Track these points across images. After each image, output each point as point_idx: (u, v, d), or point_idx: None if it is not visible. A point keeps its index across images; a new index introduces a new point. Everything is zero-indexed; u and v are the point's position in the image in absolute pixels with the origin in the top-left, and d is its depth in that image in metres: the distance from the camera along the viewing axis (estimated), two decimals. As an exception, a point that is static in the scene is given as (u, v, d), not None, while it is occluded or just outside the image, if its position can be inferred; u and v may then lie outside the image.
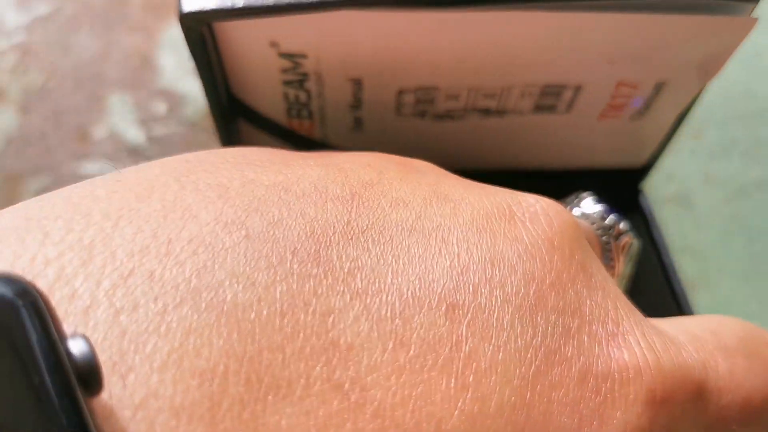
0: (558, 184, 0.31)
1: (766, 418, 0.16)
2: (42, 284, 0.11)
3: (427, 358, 0.12)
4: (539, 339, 0.13)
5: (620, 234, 0.21)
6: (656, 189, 0.37)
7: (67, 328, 0.11)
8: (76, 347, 0.09)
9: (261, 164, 0.16)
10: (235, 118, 0.26)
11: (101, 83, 0.41)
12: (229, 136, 0.25)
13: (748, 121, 0.39)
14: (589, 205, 0.22)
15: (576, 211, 0.22)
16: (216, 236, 0.13)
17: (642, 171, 0.31)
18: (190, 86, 0.39)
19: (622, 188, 0.32)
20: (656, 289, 0.30)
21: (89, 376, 0.09)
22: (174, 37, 0.41)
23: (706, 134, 0.39)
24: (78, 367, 0.09)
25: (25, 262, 0.12)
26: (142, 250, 0.12)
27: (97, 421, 0.09)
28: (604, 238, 0.21)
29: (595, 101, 0.25)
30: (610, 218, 0.21)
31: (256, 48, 0.22)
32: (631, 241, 0.21)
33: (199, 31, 0.20)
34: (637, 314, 0.17)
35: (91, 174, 0.39)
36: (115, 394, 0.11)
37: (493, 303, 0.13)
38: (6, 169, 0.39)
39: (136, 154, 0.39)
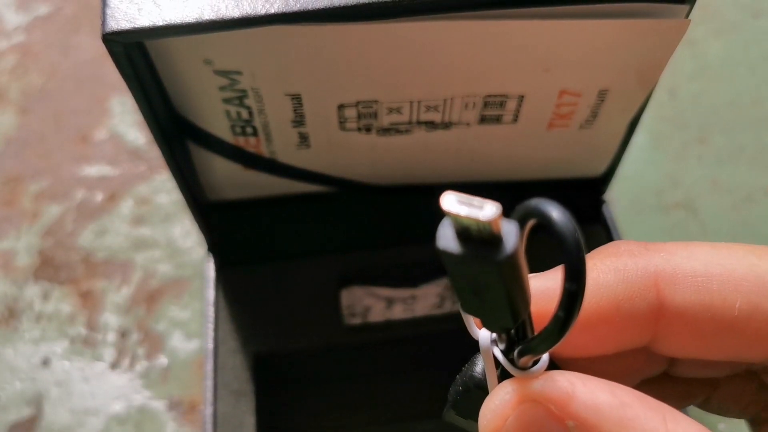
0: (518, 196, 0.31)
1: None
2: None
3: None
4: None
5: None
6: (662, 195, 0.37)
7: None
8: None
9: None
10: (181, 138, 0.26)
11: (101, 85, 0.41)
12: (175, 156, 0.25)
13: (755, 127, 0.39)
14: None
15: None
16: None
17: (602, 181, 0.30)
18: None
19: (584, 199, 0.31)
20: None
21: None
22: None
23: (712, 140, 0.38)
24: None
25: None
26: None
27: None
28: None
29: (541, 111, 0.25)
30: None
31: (191, 66, 0.22)
32: None
33: (126, 51, 0.20)
34: None
35: (90, 176, 0.38)
36: None
37: None
38: (5, 170, 0.39)
39: (136, 157, 0.39)
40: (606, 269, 0.15)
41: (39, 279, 0.36)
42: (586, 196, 0.31)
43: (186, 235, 0.37)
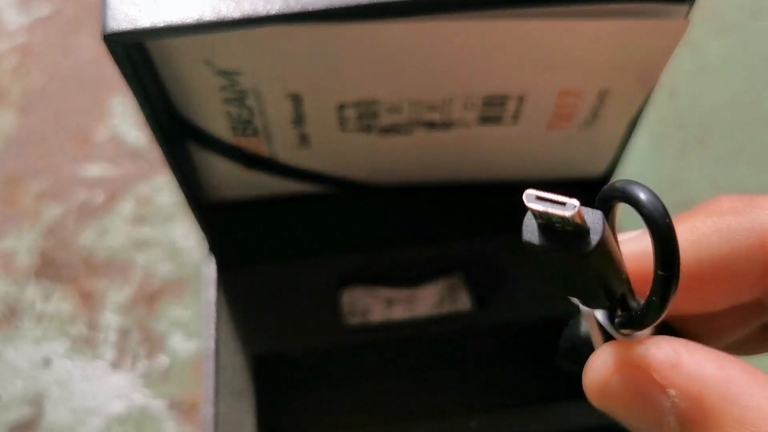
0: (518, 197, 0.31)
1: None
2: None
3: None
4: None
5: None
6: (661, 196, 0.37)
7: None
8: None
9: None
10: (182, 138, 0.26)
11: (102, 85, 0.41)
12: (175, 157, 0.25)
13: (755, 128, 0.39)
14: None
15: None
16: None
17: (602, 181, 0.30)
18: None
19: (584, 199, 0.31)
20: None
21: None
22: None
23: (712, 141, 0.38)
24: None
25: None
26: None
27: None
28: None
29: (541, 111, 0.25)
30: None
31: (191, 66, 0.22)
32: None
33: (127, 51, 0.20)
34: None
35: (91, 176, 0.39)
36: None
37: None
38: (6, 170, 0.39)
39: (137, 157, 0.39)
40: (708, 231, 0.14)
41: (40, 279, 0.36)
42: (586, 197, 0.31)
43: (186, 236, 0.37)
